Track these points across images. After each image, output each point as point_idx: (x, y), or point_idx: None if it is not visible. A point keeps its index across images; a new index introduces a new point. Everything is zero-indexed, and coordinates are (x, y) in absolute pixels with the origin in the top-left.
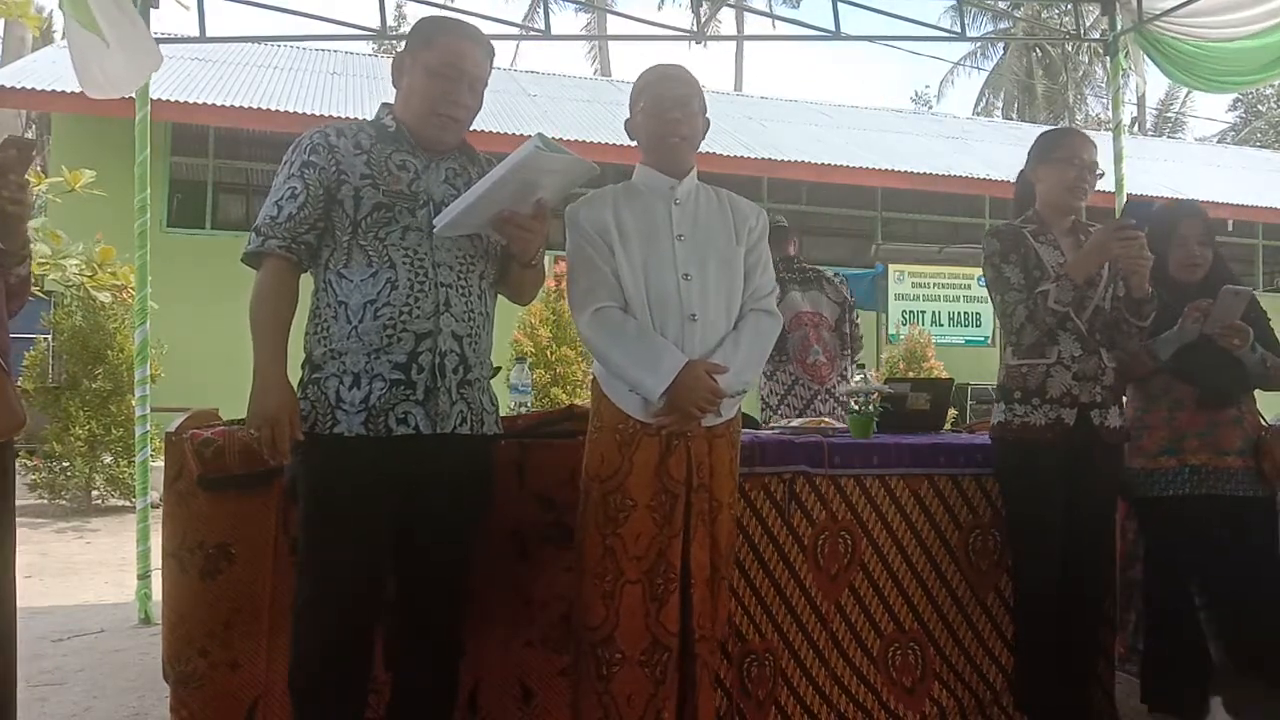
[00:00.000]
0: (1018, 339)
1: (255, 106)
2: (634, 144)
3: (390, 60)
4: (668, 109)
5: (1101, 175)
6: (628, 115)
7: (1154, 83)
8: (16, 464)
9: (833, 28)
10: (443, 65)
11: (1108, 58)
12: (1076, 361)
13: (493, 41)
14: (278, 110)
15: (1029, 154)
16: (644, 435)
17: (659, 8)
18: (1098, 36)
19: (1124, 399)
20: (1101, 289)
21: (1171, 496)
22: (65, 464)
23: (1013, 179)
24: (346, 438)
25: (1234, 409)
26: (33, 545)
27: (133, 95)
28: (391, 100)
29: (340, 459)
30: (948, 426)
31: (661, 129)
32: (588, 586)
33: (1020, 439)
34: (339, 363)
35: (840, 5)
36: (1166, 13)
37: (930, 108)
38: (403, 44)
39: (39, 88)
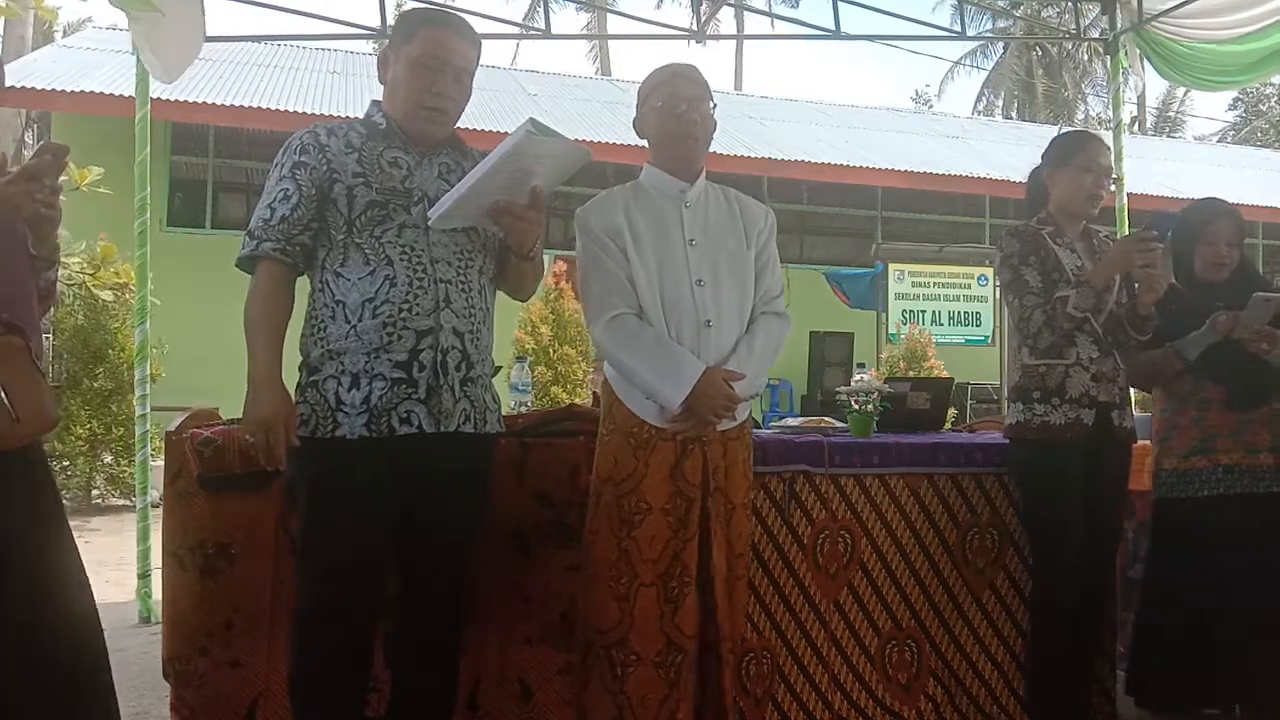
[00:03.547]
0: (1034, 342)
1: (255, 106)
2: (637, 143)
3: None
4: (685, 110)
5: (1116, 180)
6: (635, 113)
7: (1154, 82)
8: None
9: (833, 27)
10: (425, 57)
11: (1108, 57)
12: (1094, 363)
13: (493, 41)
14: (278, 109)
15: (1044, 155)
16: (659, 439)
17: (657, 6)
18: (1097, 35)
19: (1133, 400)
20: (1115, 293)
21: (1205, 497)
22: (65, 463)
23: (1013, 178)
24: (349, 440)
25: (1265, 407)
26: None
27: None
28: (380, 97)
29: (343, 462)
30: (947, 426)
31: (678, 128)
32: (601, 589)
33: (1040, 439)
34: (337, 363)
35: (840, 4)
36: (1166, 12)
37: (930, 107)
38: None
39: (39, 87)
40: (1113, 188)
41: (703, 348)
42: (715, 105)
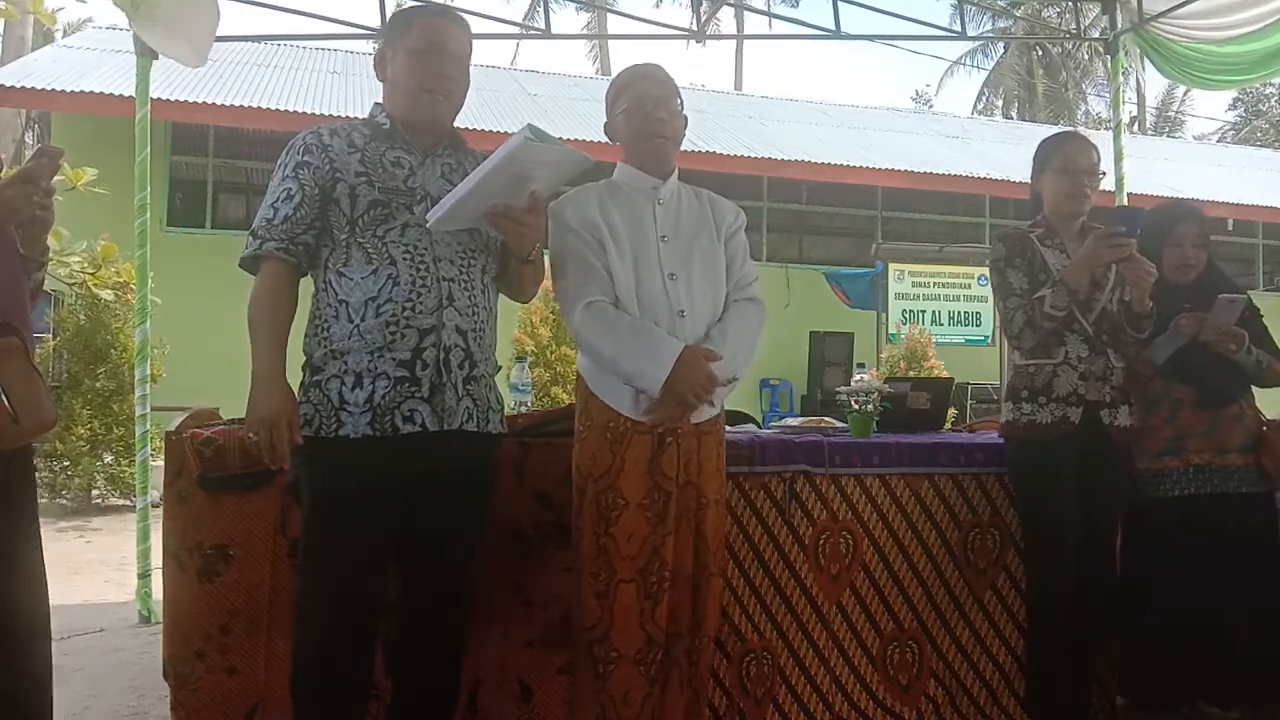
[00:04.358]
0: (1018, 343)
1: (255, 106)
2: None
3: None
4: (651, 109)
5: (1103, 175)
6: (606, 117)
7: (1154, 82)
8: None
9: (833, 26)
10: (423, 43)
11: (1108, 57)
12: (1084, 362)
13: (493, 41)
14: (278, 109)
15: (1032, 162)
16: (635, 433)
17: (656, 5)
18: (1098, 35)
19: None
20: (1108, 291)
21: (1176, 497)
22: (66, 463)
23: (1013, 178)
24: (352, 439)
25: (1234, 406)
26: None
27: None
28: (381, 97)
29: (346, 461)
30: (947, 426)
31: (647, 129)
32: (584, 586)
33: (1028, 437)
34: (340, 363)
35: (840, 4)
36: (1166, 12)
37: (930, 106)
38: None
39: (39, 87)
40: (1112, 187)
41: (677, 337)
42: (683, 103)
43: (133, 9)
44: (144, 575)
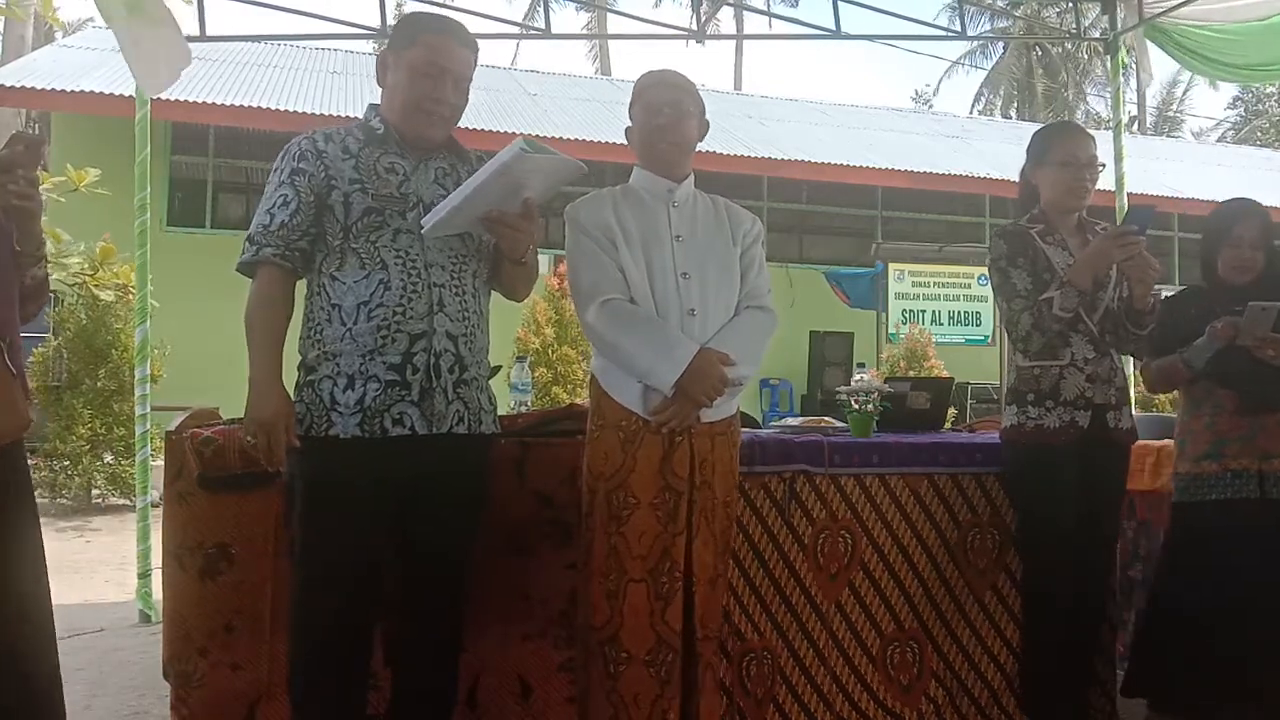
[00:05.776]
0: (1025, 345)
1: (255, 105)
2: None
3: None
4: (655, 114)
5: (1103, 168)
6: (628, 124)
7: (1154, 82)
8: None
9: (833, 27)
10: (425, 63)
11: (1108, 57)
12: (1089, 363)
13: (493, 41)
14: (278, 109)
15: (1027, 153)
16: (647, 433)
17: (656, 5)
18: (1098, 35)
19: (1132, 400)
20: (1111, 290)
21: (1214, 501)
22: (66, 463)
23: (1013, 178)
24: (342, 439)
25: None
26: None
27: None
28: (379, 100)
29: (335, 461)
30: (947, 426)
31: (651, 135)
32: (594, 585)
33: (1034, 442)
34: (333, 364)
35: (840, 4)
36: (1166, 11)
37: (930, 106)
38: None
39: (39, 87)
40: (1112, 186)
41: (686, 335)
42: (703, 108)
43: (128, 12)
44: (144, 575)
